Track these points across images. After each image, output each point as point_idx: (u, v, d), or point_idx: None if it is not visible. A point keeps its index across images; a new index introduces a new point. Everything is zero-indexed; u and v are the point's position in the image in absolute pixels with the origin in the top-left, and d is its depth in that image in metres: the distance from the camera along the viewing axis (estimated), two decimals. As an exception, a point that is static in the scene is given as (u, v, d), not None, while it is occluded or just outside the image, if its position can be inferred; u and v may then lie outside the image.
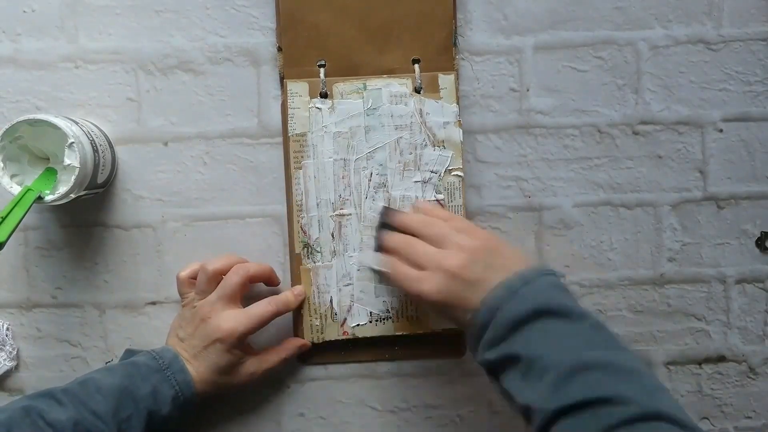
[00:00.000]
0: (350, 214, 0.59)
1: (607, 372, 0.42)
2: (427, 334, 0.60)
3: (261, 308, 0.56)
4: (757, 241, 0.63)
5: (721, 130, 0.62)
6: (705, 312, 0.63)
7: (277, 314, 0.57)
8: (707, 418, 0.64)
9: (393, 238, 0.54)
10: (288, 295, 0.58)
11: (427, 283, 0.50)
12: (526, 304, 0.46)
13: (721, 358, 0.64)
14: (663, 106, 0.62)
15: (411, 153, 0.59)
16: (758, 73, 0.62)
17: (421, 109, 0.59)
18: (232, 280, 0.56)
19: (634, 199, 0.62)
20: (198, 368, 0.54)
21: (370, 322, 0.60)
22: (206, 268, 0.56)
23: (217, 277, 0.57)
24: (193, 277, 0.58)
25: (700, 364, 0.64)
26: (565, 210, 0.62)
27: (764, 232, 0.63)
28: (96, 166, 0.55)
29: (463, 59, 0.61)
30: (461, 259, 0.50)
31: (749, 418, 0.64)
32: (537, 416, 0.43)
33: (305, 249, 0.59)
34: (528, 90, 0.61)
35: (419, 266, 0.51)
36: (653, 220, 0.63)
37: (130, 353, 0.56)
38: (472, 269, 0.49)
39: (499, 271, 0.49)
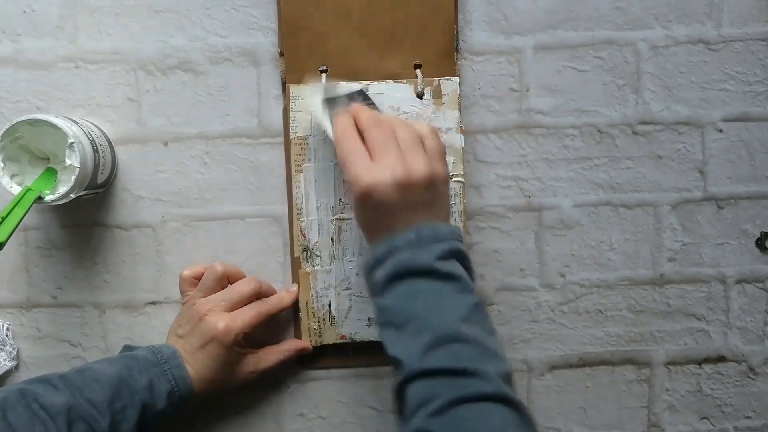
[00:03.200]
0: (350, 219, 0.59)
1: (475, 348, 0.44)
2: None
3: (257, 307, 0.57)
4: (757, 241, 0.63)
5: (721, 130, 0.62)
6: (705, 312, 0.63)
7: (272, 313, 0.57)
8: (707, 418, 0.64)
9: (367, 113, 0.51)
10: (282, 294, 0.59)
11: (381, 172, 0.47)
12: (427, 257, 0.46)
13: (721, 358, 0.64)
14: (663, 106, 0.62)
15: None
16: (758, 73, 0.62)
17: (423, 115, 0.59)
18: (243, 289, 0.57)
19: (634, 199, 0.62)
20: (196, 367, 0.54)
21: (369, 326, 0.60)
22: (216, 267, 0.57)
23: (225, 279, 0.57)
24: (196, 277, 0.58)
25: (700, 364, 0.64)
26: (565, 210, 0.62)
27: (764, 232, 0.63)
28: (96, 166, 0.55)
29: (463, 59, 0.61)
30: (425, 171, 0.48)
31: (749, 418, 0.64)
32: (403, 370, 0.44)
33: (304, 252, 0.59)
34: (528, 90, 0.61)
35: (375, 154, 0.48)
36: (653, 220, 0.63)
37: (128, 349, 0.56)
38: (424, 189, 0.48)
39: (425, 212, 0.48)
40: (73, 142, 0.51)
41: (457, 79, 0.59)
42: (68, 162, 0.52)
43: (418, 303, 0.46)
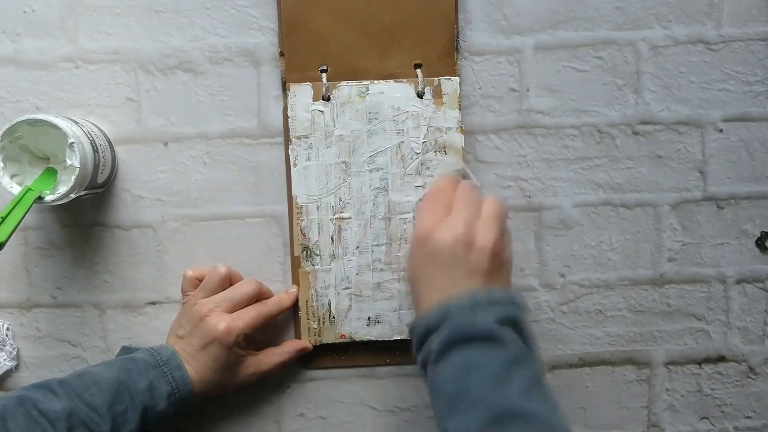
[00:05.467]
0: (350, 218, 0.59)
1: (539, 426, 0.42)
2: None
3: (257, 308, 0.57)
4: (757, 241, 0.63)
5: (721, 130, 0.62)
6: (705, 312, 0.63)
7: (272, 315, 0.57)
8: (707, 418, 0.64)
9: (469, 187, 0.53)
10: (282, 295, 0.59)
11: (446, 225, 0.49)
12: (482, 321, 0.45)
13: (721, 358, 0.64)
14: (663, 106, 0.62)
15: (412, 158, 0.59)
16: (758, 73, 0.62)
17: (423, 114, 0.59)
18: (245, 289, 0.57)
19: (634, 199, 0.62)
20: (196, 368, 0.54)
21: (368, 326, 0.60)
22: (220, 269, 0.57)
23: (228, 281, 0.58)
24: (199, 278, 0.58)
25: (700, 364, 0.64)
26: (565, 210, 0.62)
27: (764, 232, 0.63)
28: (96, 166, 0.55)
29: (463, 59, 0.61)
30: (491, 242, 0.48)
31: (749, 418, 0.64)
32: None
33: (304, 252, 0.59)
34: (528, 90, 0.61)
35: (451, 213, 0.50)
36: (653, 220, 0.63)
37: (126, 350, 0.56)
38: (484, 257, 0.48)
39: (484, 279, 0.48)
40: (73, 142, 0.51)
41: (457, 78, 0.59)
42: (68, 162, 0.52)
43: (474, 377, 0.44)
